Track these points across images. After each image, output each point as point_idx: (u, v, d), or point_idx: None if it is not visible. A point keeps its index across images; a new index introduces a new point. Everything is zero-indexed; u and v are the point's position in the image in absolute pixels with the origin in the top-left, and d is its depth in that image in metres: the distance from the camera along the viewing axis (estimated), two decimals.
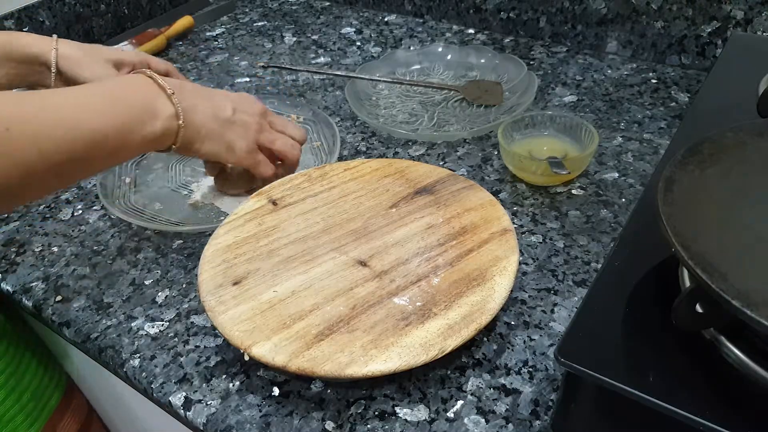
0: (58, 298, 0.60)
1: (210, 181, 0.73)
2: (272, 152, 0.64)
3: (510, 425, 0.45)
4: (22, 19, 1.00)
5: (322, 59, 1.01)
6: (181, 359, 0.53)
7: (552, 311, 0.54)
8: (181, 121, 0.54)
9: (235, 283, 0.53)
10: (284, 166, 0.66)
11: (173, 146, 0.56)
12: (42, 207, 0.73)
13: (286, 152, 0.64)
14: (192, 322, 0.56)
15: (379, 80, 0.88)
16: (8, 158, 0.42)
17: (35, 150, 0.44)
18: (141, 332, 0.56)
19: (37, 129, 0.44)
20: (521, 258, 0.59)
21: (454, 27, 1.07)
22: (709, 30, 0.83)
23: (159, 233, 0.67)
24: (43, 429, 0.71)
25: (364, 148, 0.77)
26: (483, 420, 0.46)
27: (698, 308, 0.35)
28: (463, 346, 0.47)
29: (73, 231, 0.69)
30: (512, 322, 0.53)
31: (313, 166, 0.68)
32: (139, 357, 0.53)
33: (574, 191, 0.67)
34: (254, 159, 0.62)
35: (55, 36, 0.67)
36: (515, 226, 0.61)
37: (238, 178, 0.69)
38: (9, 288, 0.63)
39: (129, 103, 0.51)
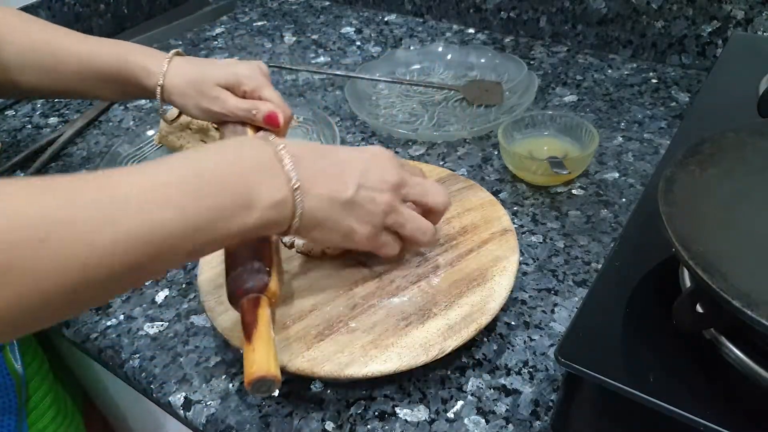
0: None
1: None
2: None
3: (510, 425, 0.45)
4: None
5: (321, 59, 1.01)
6: (181, 359, 0.53)
7: (552, 311, 0.54)
8: (295, 210, 0.42)
9: None
10: (408, 246, 0.52)
11: (278, 232, 0.44)
12: None
13: (415, 240, 0.50)
14: (192, 323, 0.56)
15: (379, 80, 0.88)
16: (44, 278, 0.31)
17: (80, 265, 0.32)
18: (141, 332, 0.56)
19: (85, 235, 0.32)
20: (521, 258, 0.58)
21: (454, 27, 1.07)
22: (710, 30, 0.83)
23: None
24: None
25: None
26: (483, 420, 0.46)
27: (698, 308, 0.35)
28: (463, 346, 0.47)
29: None
30: (512, 323, 0.53)
31: None
32: (138, 357, 0.53)
33: (574, 191, 0.67)
34: (376, 244, 0.48)
35: (171, 55, 0.63)
36: (515, 226, 0.60)
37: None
38: None
39: (221, 189, 0.38)
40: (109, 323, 0.57)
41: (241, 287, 0.43)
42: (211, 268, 0.55)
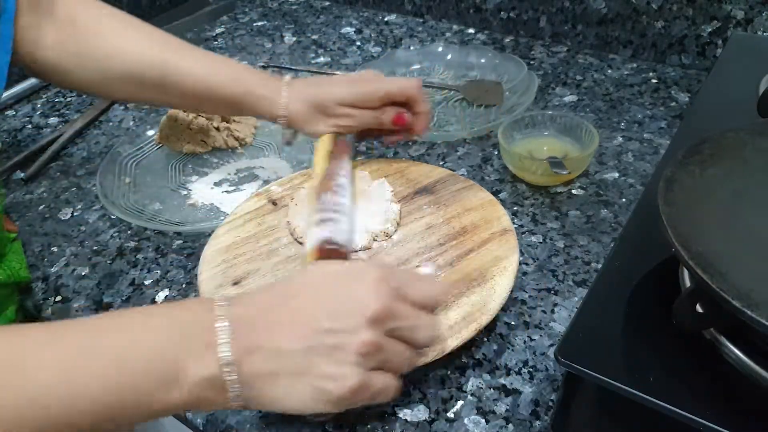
0: (58, 298, 0.60)
1: (207, 182, 0.73)
2: None
3: (510, 425, 0.45)
4: None
5: (322, 59, 1.01)
6: None
7: (552, 311, 0.54)
8: (226, 386, 0.36)
9: (235, 283, 0.53)
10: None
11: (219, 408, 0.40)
12: (42, 207, 0.73)
13: (398, 373, 0.40)
14: None
15: None
16: None
17: None
18: None
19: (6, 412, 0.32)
20: (521, 258, 0.58)
21: (454, 27, 1.07)
22: (710, 30, 0.83)
23: (159, 233, 0.67)
24: None
25: (364, 148, 0.77)
26: (483, 420, 0.46)
27: (698, 308, 0.35)
28: (464, 346, 0.47)
29: (72, 231, 0.69)
30: (512, 322, 0.53)
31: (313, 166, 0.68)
32: None
33: (574, 191, 0.67)
34: (368, 394, 0.38)
35: (288, 80, 0.63)
36: (515, 226, 0.60)
37: None
38: None
39: (141, 368, 0.35)
40: None
41: None
42: (211, 268, 0.55)
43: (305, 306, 0.38)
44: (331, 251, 0.49)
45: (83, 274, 0.63)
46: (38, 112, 0.93)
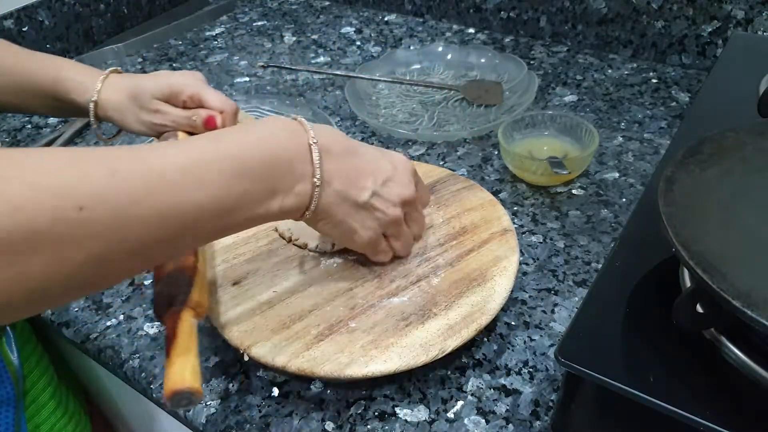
0: None
1: None
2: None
3: (510, 426, 0.45)
4: (22, 19, 1.00)
5: (321, 59, 1.01)
6: None
7: (552, 311, 0.54)
8: (310, 203, 0.43)
9: (235, 284, 0.53)
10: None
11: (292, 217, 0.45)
12: None
13: (399, 249, 0.53)
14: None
15: (379, 80, 0.88)
16: (78, 247, 0.31)
17: (115, 236, 0.32)
18: (140, 332, 0.56)
19: (121, 211, 0.32)
20: (521, 258, 0.58)
21: (454, 26, 1.07)
22: (710, 30, 0.83)
23: None
24: None
25: None
26: (483, 420, 0.46)
27: (698, 308, 0.35)
28: (464, 346, 0.47)
29: None
30: (512, 323, 0.53)
31: None
32: (138, 357, 0.53)
33: (574, 191, 0.67)
34: (375, 249, 0.51)
35: (107, 72, 0.62)
36: (515, 226, 0.60)
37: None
38: None
39: (254, 174, 0.39)
40: (108, 323, 0.57)
41: (163, 302, 0.43)
42: (211, 268, 0.55)
43: (369, 168, 0.47)
44: None
45: None
46: None
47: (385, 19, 1.13)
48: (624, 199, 0.65)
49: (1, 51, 0.62)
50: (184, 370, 0.38)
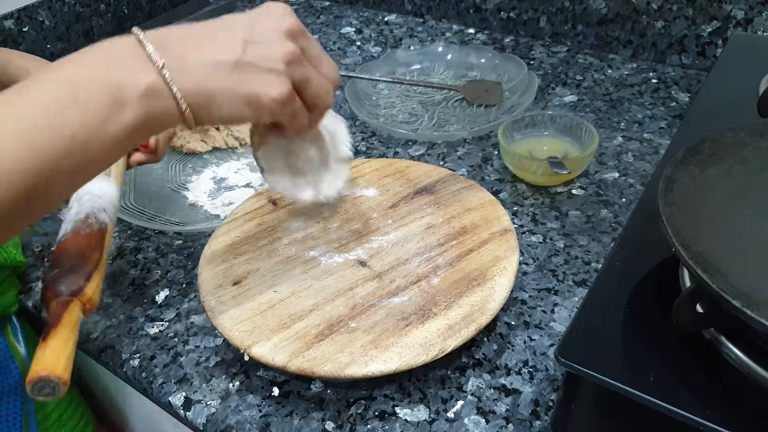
0: None
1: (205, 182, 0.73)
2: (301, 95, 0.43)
3: (510, 425, 0.45)
4: (22, 19, 1.00)
5: None
6: (181, 359, 0.53)
7: (552, 311, 0.54)
8: (172, 91, 0.37)
9: (235, 283, 0.53)
10: (310, 115, 0.45)
11: (175, 124, 0.40)
12: None
13: (320, 101, 0.44)
14: (192, 322, 0.56)
15: (379, 80, 0.88)
16: None
17: None
18: (141, 332, 0.56)
19: None
20: (521, 258, 0.59)
21: (454, 27, 1.07)
22: (710, 30, 0.83)
23: (159, 233, 0.67)
24: None
25: (364, 148, 0.77)
26: (483, 420, 0.46)
27: (698, 308, 0.35)
28: (464, 346, 0.47)
29: None
30: (512, 322, 0.53)
31: None
32: (139, 357, 0.53)
33: (574, 191, 0.67)
34: (290, 109, 0.42)
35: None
36: (515, 226, 0.60)
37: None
38: None
39: (85, 93, 0.36)
40: (109, 323, 0.57)
41: (53, 289, 0.42)
42: (211, 267, 0.55)
43: (223, 26, 0.40)
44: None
45: None
46: None
47: (386, 19, 1.13)
48: (624, 199, 0.65)
49: None
50: (58, 358, 0.37)
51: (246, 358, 0.47)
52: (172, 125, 0.39)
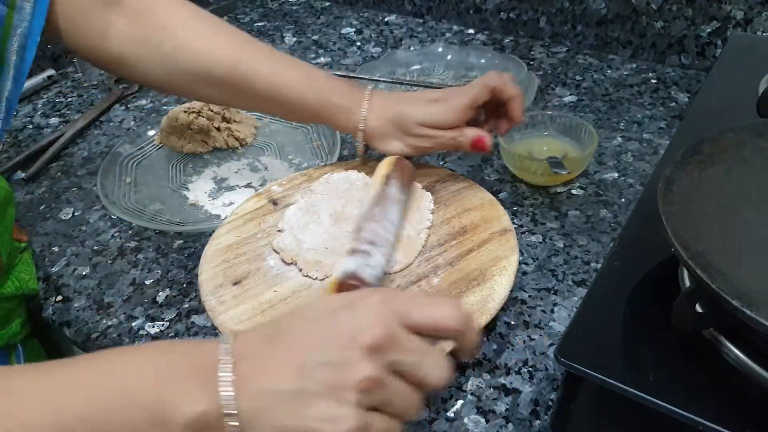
0: (59, 297, 0.61)
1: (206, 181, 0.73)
2: None
3: (510, 425, 0.45)
4: None
5: (322, 59, 1.01)
6: None
7: (552, 311, 0.54)
8: (222, 422, 0.32)
9: (236, 283, 0.53)
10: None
11: None
12: (42, 207, 0.73)
13: (404, 417, 0.35)
14: (192, 322, 0.56)
15: (379, 80, 0.88)
16: None
17: None
18: (141, 332, 0.56)
19: None
20: (521, 258, 0.59)
21: (454, 27, 1.07)
22: (709, 30, 0.83)
23: (159, 233, 0.67)
24: None
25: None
26: (483, 420, 0.46)
27: (698, 308, 0.35)
28: None
29: (73, 231, 0.69)
30: (512, 322, 0.53)
31: (314, 166, 0.68)
32: None
33: (574, 191, 0.67)
34: None
35: (369, 94, 0.60)
36: (515, 226, 0.61)
37: None
38: None
39: (129, 404, 0.32)
40: (110, 323, 0.57)
41: None
42: (212, 267, 0.55)
43: (300, 340, 0.34)
44: (351, 287, 0.46)
45: (84, 273, 0.63)
46: (39, 113, 0.93)
47: (386, 19, 1.13)
48: (623, 199, 0.65)
49: (256, 61, 0.58)
50: None
51: None
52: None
